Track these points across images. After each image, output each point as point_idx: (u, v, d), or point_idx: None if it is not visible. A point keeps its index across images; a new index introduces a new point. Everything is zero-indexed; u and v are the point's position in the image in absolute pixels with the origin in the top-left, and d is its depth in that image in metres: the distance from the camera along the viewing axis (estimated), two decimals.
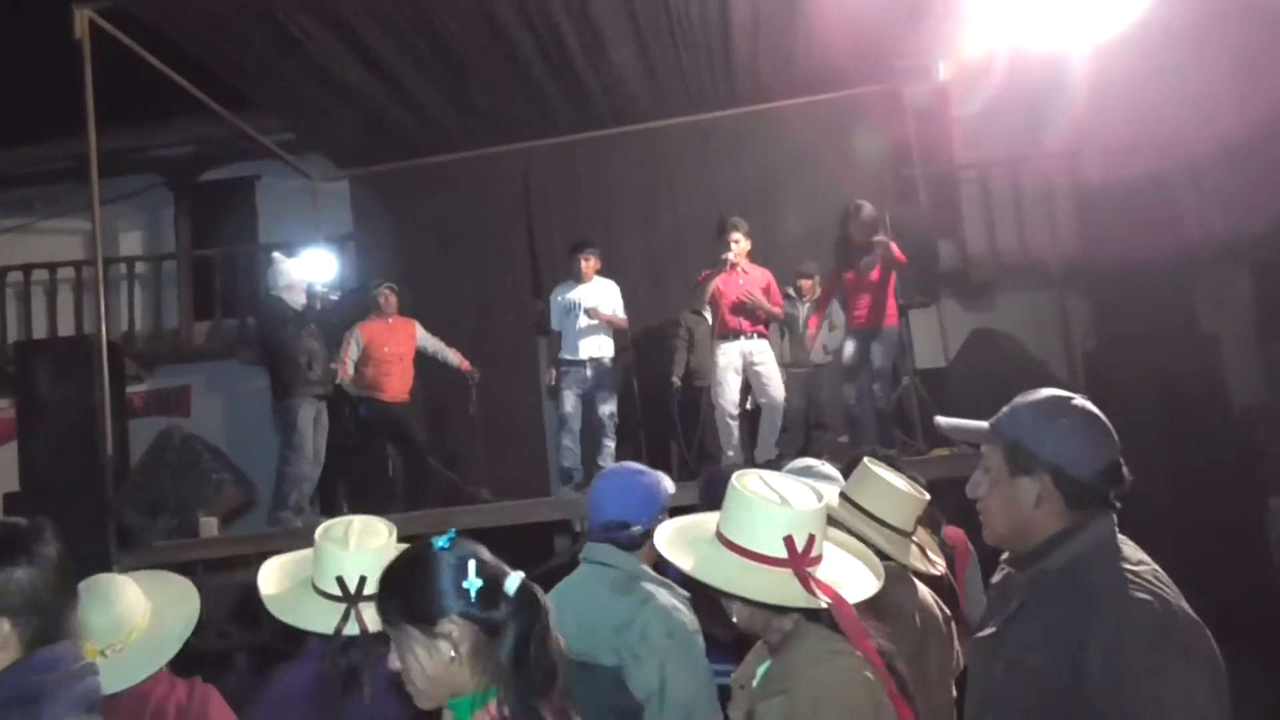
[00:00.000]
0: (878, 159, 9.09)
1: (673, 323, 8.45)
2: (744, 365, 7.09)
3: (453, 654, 1.74)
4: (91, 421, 6.89)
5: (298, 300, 7.00)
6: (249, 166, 11.55)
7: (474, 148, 9.42)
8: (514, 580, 1.79)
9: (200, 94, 7.76)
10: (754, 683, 2.07)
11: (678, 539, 2.14)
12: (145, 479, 6.52)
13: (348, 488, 8.48)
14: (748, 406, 7.44)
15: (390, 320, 7.78)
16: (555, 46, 7.90)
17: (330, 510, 7.35)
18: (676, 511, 6.01)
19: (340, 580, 2.40)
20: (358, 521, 2.53)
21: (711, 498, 4.53)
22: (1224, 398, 6.79)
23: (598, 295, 7.58)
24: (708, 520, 2.15)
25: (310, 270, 7.11)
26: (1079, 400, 1.95)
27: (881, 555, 2.75)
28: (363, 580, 2.38)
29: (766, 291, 7.18)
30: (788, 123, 9.16)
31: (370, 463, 8.41)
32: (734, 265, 7.04)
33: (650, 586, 2.65)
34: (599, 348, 7.49)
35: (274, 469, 6.91)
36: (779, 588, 1.93)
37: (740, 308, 7.05)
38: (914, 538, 2.77)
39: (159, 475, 6.49)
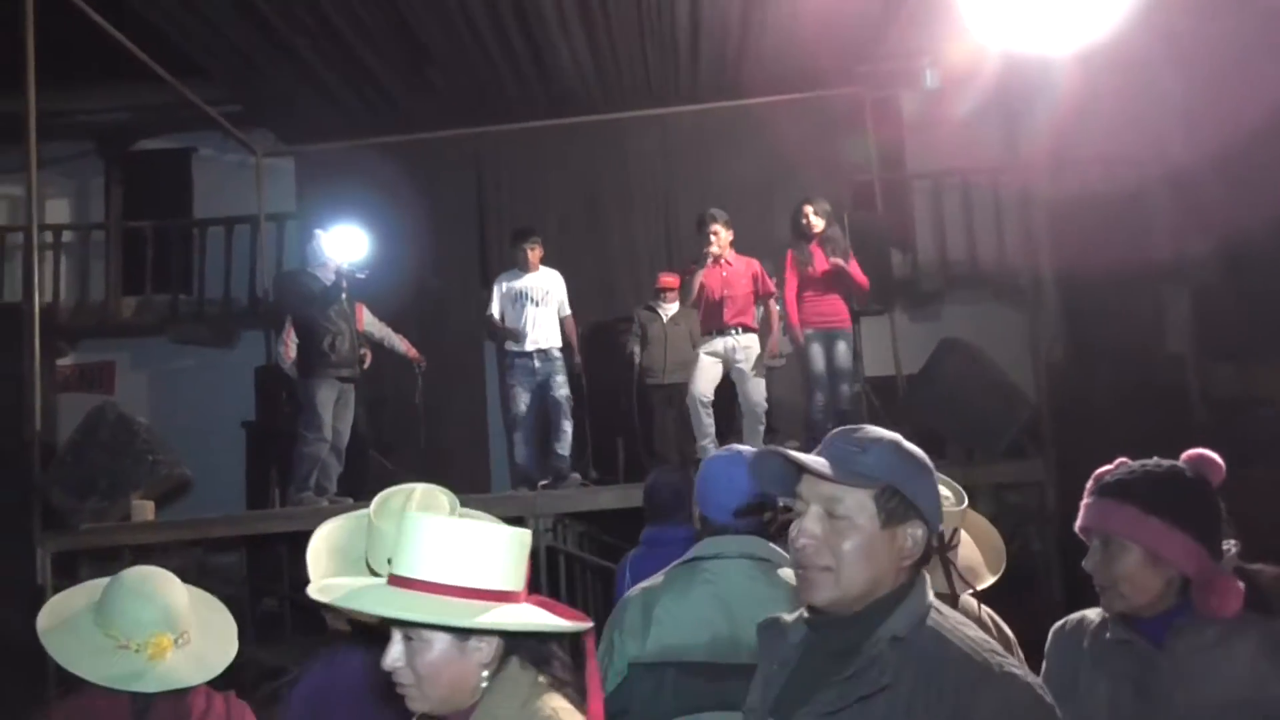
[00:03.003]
0: (837, 163, 9.08)
1: (625, 319, 8.33)
2: (726, 362, 6.92)
3: None
4: (17, 394, 6.56)
5: (328, 277, 6.76)
6: (185, 138, 11.14)
7: (427, 129, 9.19)
8: None
9: (146, 58, 7.43)
10: None
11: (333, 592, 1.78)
12: (76, 457, 6.17)
13: (281, 472, 8.22)
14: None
15: None
16: (519, 29, 7.75)
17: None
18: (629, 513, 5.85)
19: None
20: (419, 492, 2.32)
21: (654, 506, 4.44)
22: (1186, 412, 6.87)
23: (545, 285, 7.42)
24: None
25: (344, 248, 6.82)
26: None
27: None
28: None
29: (755, 279, 7.01)
30: (747, 122, 9.11)
31: None
32: (717, 258, 6.87)
33: None
34: (546, 339, 7.32)
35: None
36: (529, 621, 1.69)
37: (721, 304, 6.86)
38: (950, 552, 2.60)
39: (91, 454, 6.15)
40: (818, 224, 6.92)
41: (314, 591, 1.76)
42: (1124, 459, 2.18)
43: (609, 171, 9.42)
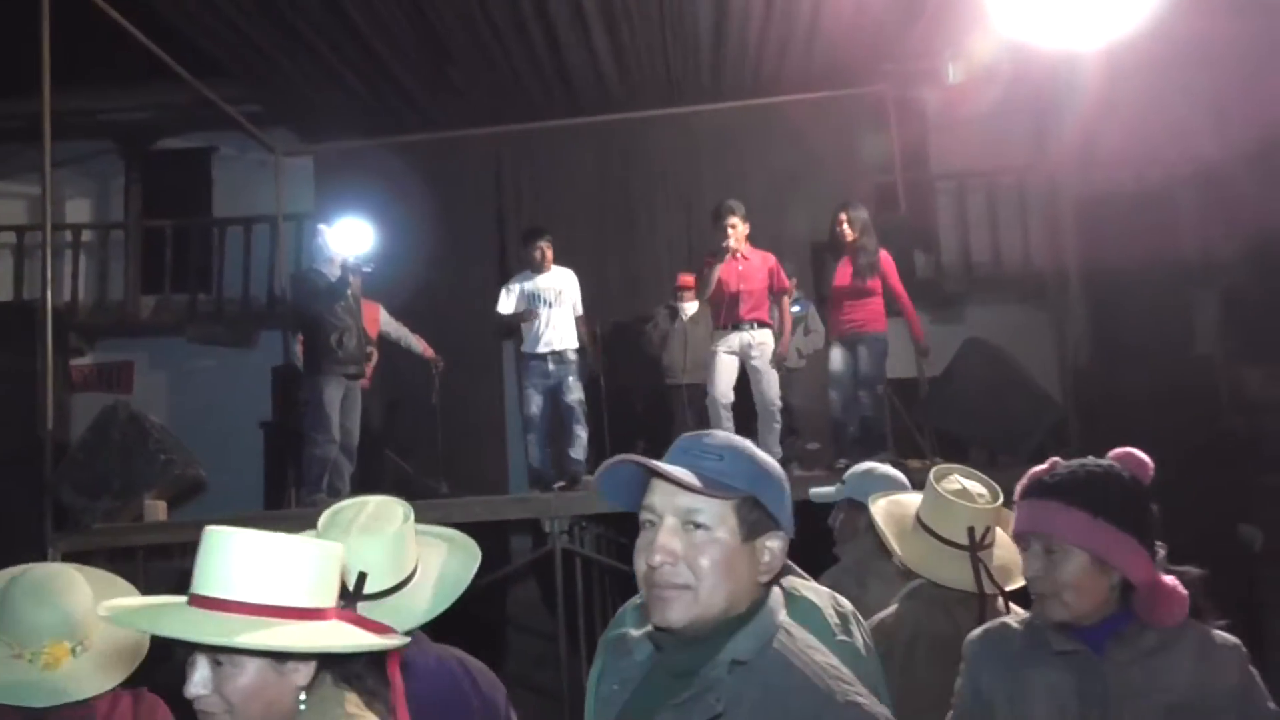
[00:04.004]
0: (859, 163, 8.98)
1: (644, 319, 8.25)
2: (743, 358, 6.82)
3: None
4: (31, 393, 6.53)
5: (334, 274, 6.71)
6: (206, 137, 11.11)
7: (447, 129, 9.14)
8: None
9: (166, 57, 7.41)
10: None
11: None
12: (88, 457, 6.11)
13: (297, 472, 8.16)
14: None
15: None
16: (541, 28, 7.68)
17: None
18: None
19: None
20: (371, 504, 2.19)
21: None
22: (1216, 415, 6.73)
23: (558, 285, 7.33)
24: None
25: (348, 243, 6.78)
26: None
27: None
28: (362, 576, 2.02)
29: (771, 274, 6.92)
30: (769, 120, 9.02)
31: None
32: (734, 251, 6.73)
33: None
34: (561, 340, 7.23)
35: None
36: (352, 641, 1.60)
37: (737, 298, 6.75)
38: (982, 552, 2.49)
39: (103, 453, 6.09)
40: (849, 233, 6.82)
41: (103, 611, 1.62)
42: (1057, 459, 2.08)
43: (629, 171, 9.34)
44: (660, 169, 9.31)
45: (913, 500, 2.77)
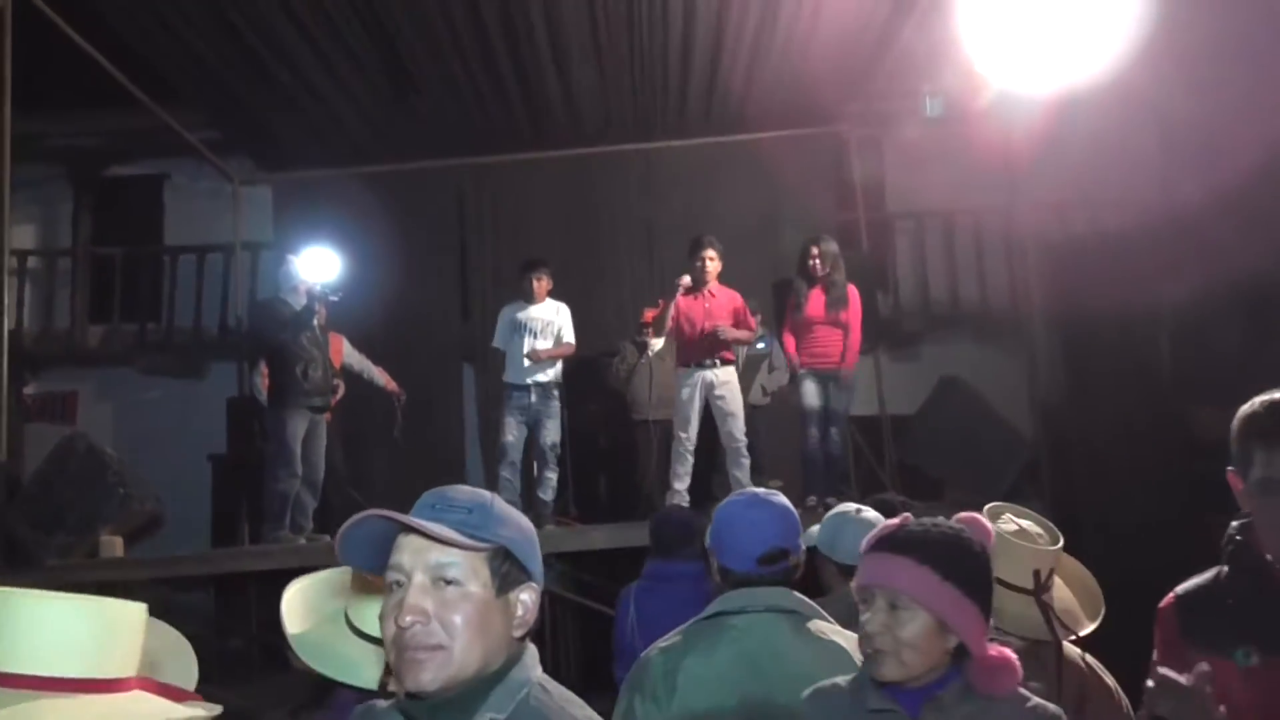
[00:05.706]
0: (822, 201, 9.05)
1: (608, 354, 8.21)
2: (706, 397, 6.80)
3: None
4: None
5: (299, 303, 6.56)
6: (159, 164, 10.94)
7: (410, 159, 9.04)
8: None
9: (127, 82, 7.25)
10: None
11: None
12: (42, 490, 5.94)
13: (251, 507, 7.97)
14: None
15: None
16: (509, 60, 7.66)
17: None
18: (629, 553, 5.70)
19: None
20: None
21: (661, 539, 4.29)
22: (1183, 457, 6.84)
23: (547, 317, 7.27)
24: None
25: (314, 271, 6.63)
26: None
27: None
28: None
29: (736, 313, 6.91)
30: (732, 157, 9.06)
31: None
32: (689, 290, 6.71)
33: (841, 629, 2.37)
34: (543, 371, 7.16)
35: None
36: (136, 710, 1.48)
37: (705, 337, 6.73)
38: (1045, 595, 2.39)
39: (59, 487, 5.92)
40: (820, 267, 6.84)
41: None
42: (909, 515, 2.05)
43: (594, 205, 9.31)
44: (625, 204, 9.30)
45: None
